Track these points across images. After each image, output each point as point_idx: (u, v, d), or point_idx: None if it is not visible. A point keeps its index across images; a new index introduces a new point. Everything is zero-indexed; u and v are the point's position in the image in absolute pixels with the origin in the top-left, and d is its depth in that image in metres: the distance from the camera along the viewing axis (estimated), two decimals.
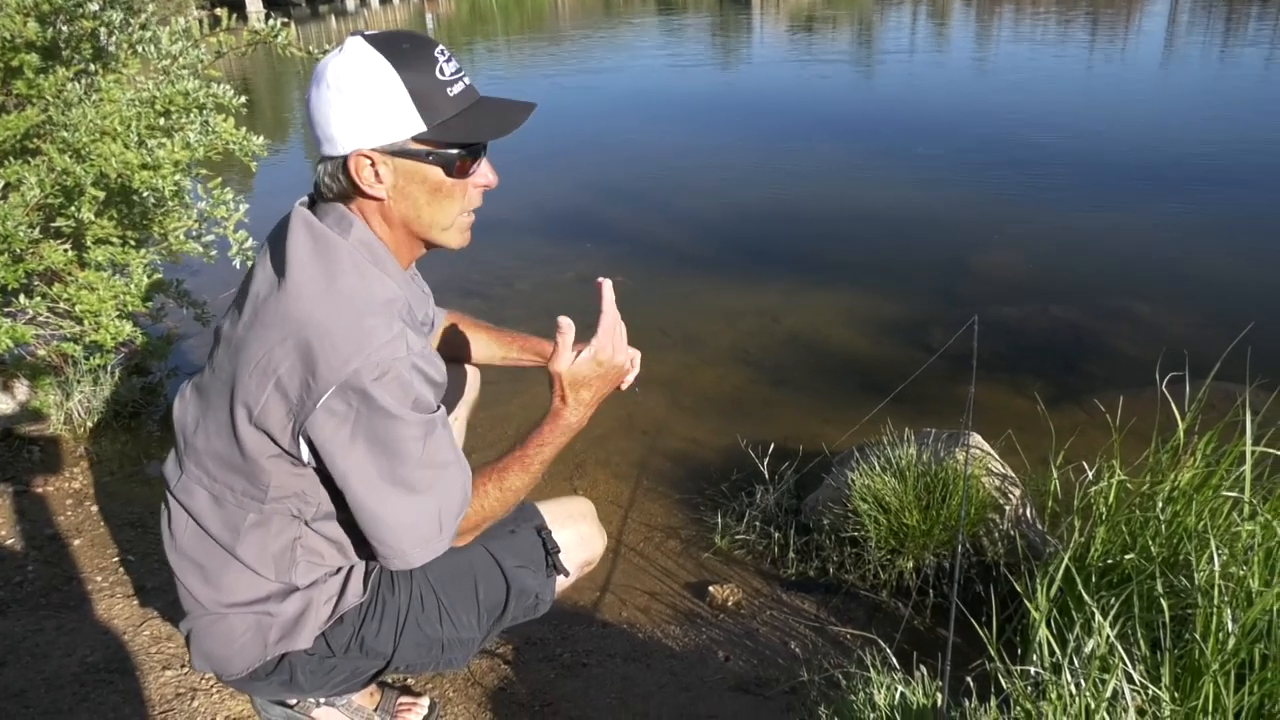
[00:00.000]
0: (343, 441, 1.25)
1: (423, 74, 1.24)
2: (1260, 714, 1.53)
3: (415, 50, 1.25)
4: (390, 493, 1.29)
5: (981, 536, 2.51)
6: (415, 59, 1.24)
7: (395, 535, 1.32)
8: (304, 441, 1.28)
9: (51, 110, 2.89)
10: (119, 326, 3.03)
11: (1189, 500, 2.02)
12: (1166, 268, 5.04)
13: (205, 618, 1.48)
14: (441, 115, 1.26)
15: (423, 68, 1.24)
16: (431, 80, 1.24)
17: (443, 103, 1.25)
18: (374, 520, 1.31)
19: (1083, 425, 3.03)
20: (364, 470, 1.27)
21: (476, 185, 1.36)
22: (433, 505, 1.33)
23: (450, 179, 1.31)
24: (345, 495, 1.30)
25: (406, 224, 1.35)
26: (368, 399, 1.22)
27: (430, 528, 1.33)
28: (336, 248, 1.30)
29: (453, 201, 1.34)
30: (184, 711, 1.90)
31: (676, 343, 4.32)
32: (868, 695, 1.71)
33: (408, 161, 1.28)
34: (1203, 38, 14.78)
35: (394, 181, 1.30)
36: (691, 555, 2.80)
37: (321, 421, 1.24)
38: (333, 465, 1.27)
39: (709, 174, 7.65)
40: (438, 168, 1.29)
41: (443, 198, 1.32)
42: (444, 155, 1.28)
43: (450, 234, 1.37)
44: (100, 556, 2.57)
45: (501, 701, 2.03)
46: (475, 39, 21.90)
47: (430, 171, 1.30)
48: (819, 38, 17.46)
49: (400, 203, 1.32)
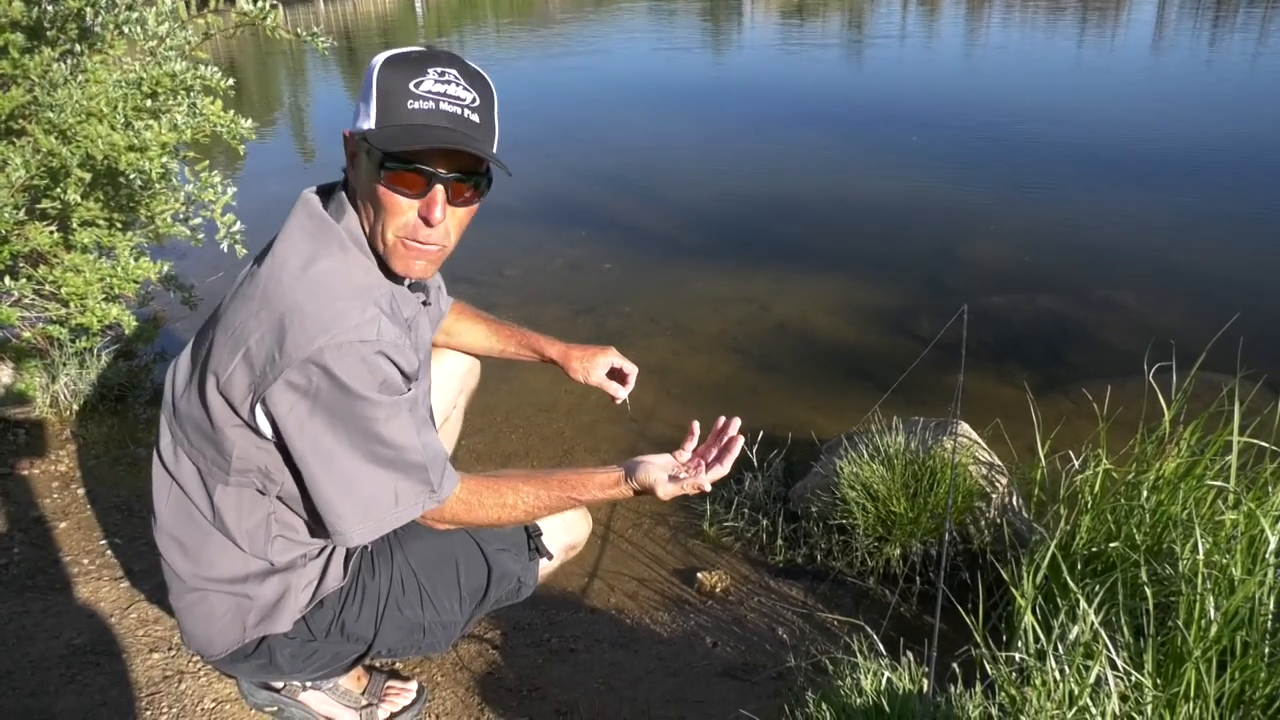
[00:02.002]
0: (300, 415, 1.26)
1: (398, 79, 1.25)
2: (1241, 700, 1.55)
3: (412, 61, 1.26)
4: (346, 464, 1.29)
5: (968, 524, 2.53)
6: (404, 65, 1.26)
7: (349, 508, 1.32)
8: (263, 414, 1.29)
9: (37, 91, 2.86)
10: (105, 309, 3.01)
11: (1174, 489, 2.03)
12: (1154, 258, 5.06)
13: (188, 595, 1.49)
14: (390, 120, 1.25)
15: (403, 74, 1.25)
16: (402, 87, 1.25)
17: (399, 108, 1.25)
18: (327, 493, 1.31)
19: (1069, 414, 3.05)
20: (320, 442, 1.27)
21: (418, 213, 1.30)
22: (389, 481, 1.33)
23: (380, 186, 1.28)
24: (301, 470, 1.30)
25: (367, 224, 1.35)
26: (329, 375, 1.23)
27: (386, 502, 1.33)
28: (328, 229, 1.33)
29: (387, 214, 1.30)
30: (171, 694, 1.90)
31: (665, 330, 4.32)
32: (854, 681, 1.72)
33: (362, 155, 1.29)
34: (1192, 28, 14.81)
35: (357, 170, 1.32)
36: (680, 542, 2.81)
37: (280, 394, 1.25)
38: (289, 438, 1.28)
39: (699, 161, 7.64)
40: (373, 166, 1.27)
41: (379, 206, 1.30)
42: (374, 157, 1.26)
43: (391, 251, 1.34)
44: (87, 539, 2.56)
45: (489, 686, 2.03)
46: (464, 24, 21.77)
47: (367, 168, 1.29)
48: (809, 25, 17.42)
49: (358, 196, 1.34)
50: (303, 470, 1.30)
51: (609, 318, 4.49)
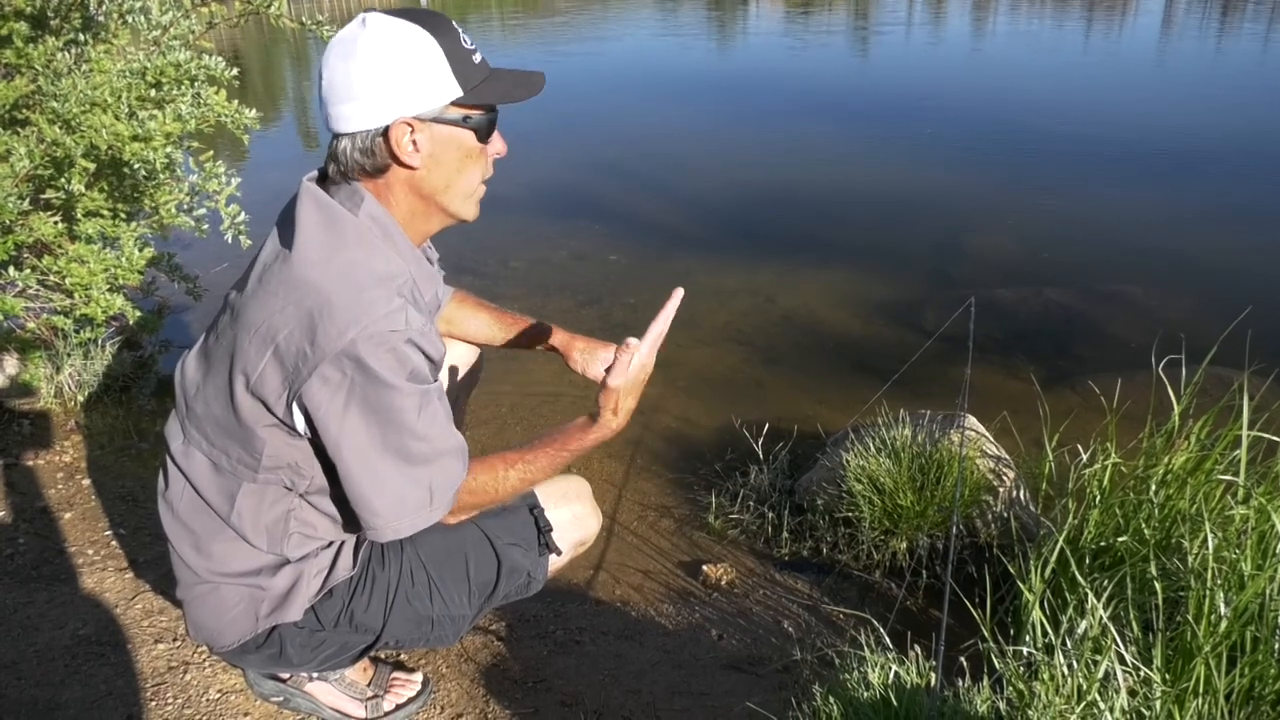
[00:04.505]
0: (337, 409, 1.25)
1: (454, 42, 1.27)
2: (1250, 696, 1.54)
3: (441, 21, 1.28)
4: (382, 461, 1.29)
5: (975, 518, 2.52)
6: (445, 28, 1.27)
7: (385, 505, 1.31)
8: (298, 410, 1.28)
9: (41, 80, 2.85)
10: (109, 300, 3.00)
11: (1183, 484, 2.02)
12: (1163, 251, 5.04)
13: (199, 587, 1.49)
14: (473, 81, 1.29)
15: (453, 36, 1.27)
16: (461, 48, 1.28)
17: (472, 70, 1.29)
18: (364, 489, 1.30)
19: (1077, 408, 3.03)
20: (356, 438, 1.27)
21: (495, 153, 1.39)
22: (425, 476, 1.33)
23: (480, 144, 1.34)
24: (336, 465, 1.30)
25: (434, 195, 1.35)
26: (363, 367, 1.22)
27: (420, 499, 1.33)
28: (344, 221, 1.31)
29: (478, 169, 1.37)
30: (176, 685, 1.90)
31: (670, 322, 4.30)
32: (861, 674, 1.71)
33: (445, 128, 1.30)
34: (1201, 19, 14.73)
35: (430, 150, 1.31)
36: (685, 534, 2.81)
37: (316, 389, 1.24)
38: (325, 433, 1.27)
39: (705, 152, 7.62)
40: (471, 133, 1.32)
41: (471, 164, 1.35)
42: (478, 120, 1.31)
43: (470, 203, 1.40)
44: (92, 530, 2.56)
45: (495, 678, 2.03)
46: (469, 15, 21.71)
47: (464, 137, 1.32)
48: (815, 16, 17.35)
49: (433, 171, 1.33)
50: (338, 465, 1.30)
51: (614, 309, 4.47)
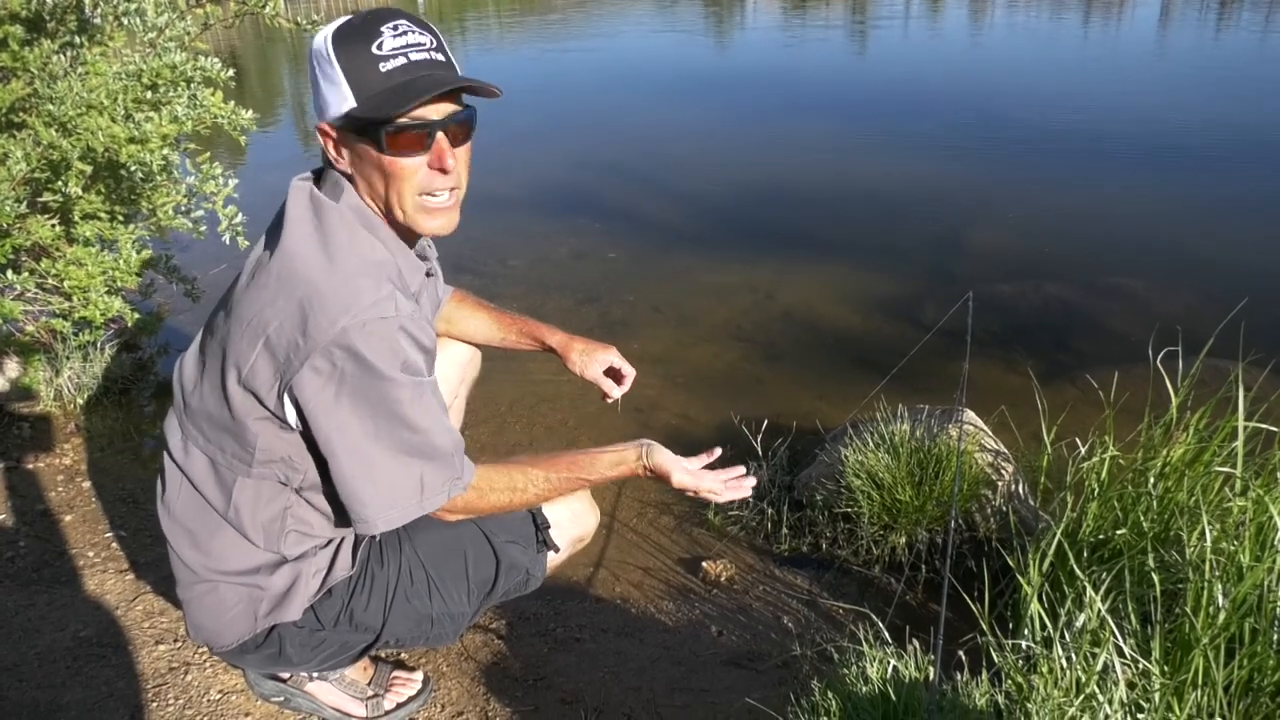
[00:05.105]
0: (327, 400, 1.25)
1: (357, 51, 1.23)
2: (1249, 687, 1.54)
3: (360, 27, 1.24)
4: (373, 450, 1.28)
5: (974, 512, 2.52)
6: (355, 36, 1.24)
7: (374, 495, 1.31)
8: (289, 402, 1.28)
9: (37, 83, 2.85)
10: (108, 302, 3.01)
11: (1181, 476, 2.03)
12: (1160, 245, 5.03)
13: (198, 586, 1.49)
14: (370, 90, 1.23)
15: (359, 44, 1.23)
16: (366, 56, 1.23)
17: (373, 78, 1.23)
18: (353, 479, 1.30)
19: (1075, 402, 3.03)
20: (348, 428, 1.26)
21: (429, 166, 1.29)
22: (416, 468, 1.32)
23: (385, 156, 1.27)
24: (326, 456, 1.30)
25: (374, 201, 1.34)
26: (355, 356, 1.23)
27: (410, 490, 1.33)
28: (328, 210, 1.32)
29: (401, 181, 1.29)
30: (177, 685, 1.90)
31: (669, 319, 4.31)
32: (860, 669, 1.71)
33: (352, 137, 1.28)
34: (1199, 13, 14.71)
35: (350, 158, 1.31)
36: (684, 531, 2.81)
37: (307, 380, 1.24)
38: (316, 424, 1.27)
39: (703, 149, 7.61)
40: (369, 144, 1.27)
41: (391, 177, 1.29)
42: (372, 131, 1.25)
43: (415, 217, 1.33)
44: (92, 532, 2.56)
45: (495, 676, 2.03)
46: (466, 14, 21.69)
47: (361, 147, 1.28)
48: (812, 12, 17.33)
49: (360, 180, 1.32)
50: (328, 457, 1.29)
51: (613, 307, 4.47)
